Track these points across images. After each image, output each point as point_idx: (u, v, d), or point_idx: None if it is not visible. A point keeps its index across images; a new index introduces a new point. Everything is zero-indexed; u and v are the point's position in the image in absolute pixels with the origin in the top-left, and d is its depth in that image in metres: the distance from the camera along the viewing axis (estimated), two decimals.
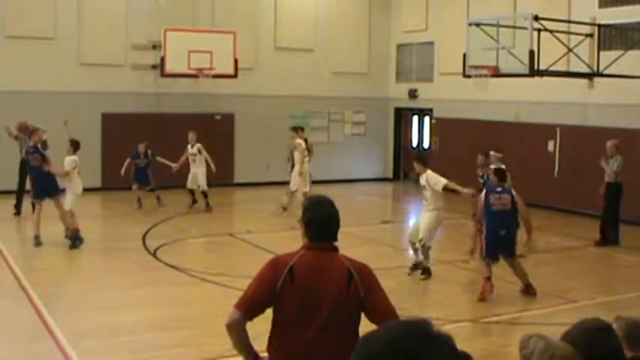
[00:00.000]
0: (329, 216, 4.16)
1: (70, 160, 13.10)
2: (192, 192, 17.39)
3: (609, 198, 14.08)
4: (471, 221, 12.44)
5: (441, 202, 11.30)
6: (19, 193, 16.02)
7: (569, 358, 2.42)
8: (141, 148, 17.31)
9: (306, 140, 17.04)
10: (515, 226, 10.36)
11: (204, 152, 17.24)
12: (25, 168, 15.02)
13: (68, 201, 13.18)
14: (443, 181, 11.09)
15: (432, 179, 11.20)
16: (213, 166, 17.13)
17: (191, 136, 17.35)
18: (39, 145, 13.45)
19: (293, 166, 16.92)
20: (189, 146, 17.41)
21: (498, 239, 10.20)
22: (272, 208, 16.96)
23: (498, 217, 10.21)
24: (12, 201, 16.12)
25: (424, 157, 12.34)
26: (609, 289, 11.55)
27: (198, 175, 17.10)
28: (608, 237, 14.16)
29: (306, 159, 16.76)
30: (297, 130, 17.09)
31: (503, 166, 11.59)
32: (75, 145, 13.29)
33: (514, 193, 10.36)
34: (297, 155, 16.67)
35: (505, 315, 9.68)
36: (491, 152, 13.20)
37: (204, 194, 17.16)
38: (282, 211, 16.48)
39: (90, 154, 19.52)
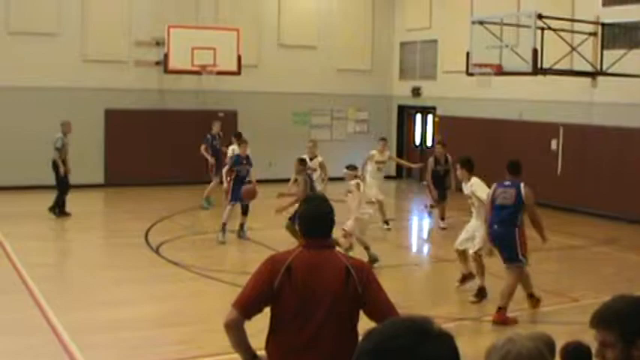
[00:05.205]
0: (317, 212, 4.16)
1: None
2: None
3: None
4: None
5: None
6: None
7: (525, 357, 2.31)
8: (215, 128, 17.35)
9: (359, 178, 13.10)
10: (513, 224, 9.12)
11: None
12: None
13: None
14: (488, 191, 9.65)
15: (478, 188, 9.93)
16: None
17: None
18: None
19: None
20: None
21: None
22: (274, 204, 16.84)
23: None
24: (7, 197, 16.09)
25: (467, 161, 10.29)
26: (612, 288, 11.50)
27: None
28: None
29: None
30: (355, 169, 13.02)
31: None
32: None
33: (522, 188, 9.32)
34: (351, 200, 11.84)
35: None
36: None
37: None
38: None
39: (93, 150, 19.58)
